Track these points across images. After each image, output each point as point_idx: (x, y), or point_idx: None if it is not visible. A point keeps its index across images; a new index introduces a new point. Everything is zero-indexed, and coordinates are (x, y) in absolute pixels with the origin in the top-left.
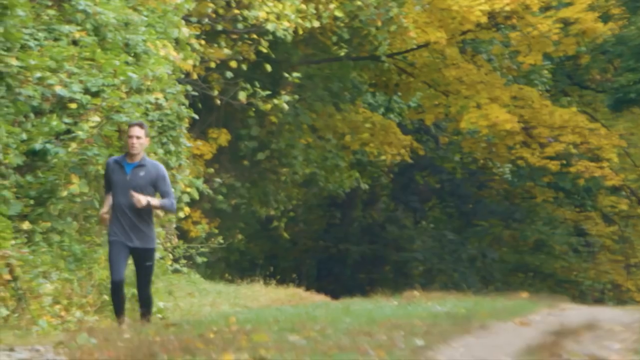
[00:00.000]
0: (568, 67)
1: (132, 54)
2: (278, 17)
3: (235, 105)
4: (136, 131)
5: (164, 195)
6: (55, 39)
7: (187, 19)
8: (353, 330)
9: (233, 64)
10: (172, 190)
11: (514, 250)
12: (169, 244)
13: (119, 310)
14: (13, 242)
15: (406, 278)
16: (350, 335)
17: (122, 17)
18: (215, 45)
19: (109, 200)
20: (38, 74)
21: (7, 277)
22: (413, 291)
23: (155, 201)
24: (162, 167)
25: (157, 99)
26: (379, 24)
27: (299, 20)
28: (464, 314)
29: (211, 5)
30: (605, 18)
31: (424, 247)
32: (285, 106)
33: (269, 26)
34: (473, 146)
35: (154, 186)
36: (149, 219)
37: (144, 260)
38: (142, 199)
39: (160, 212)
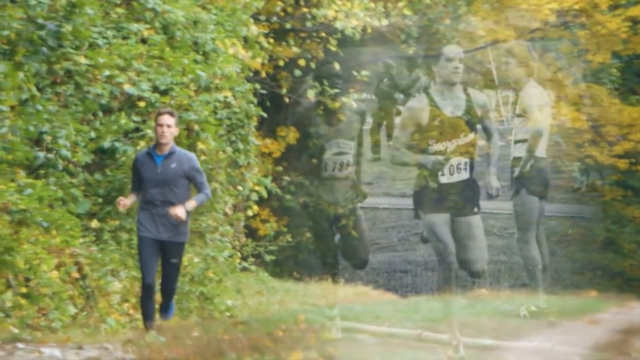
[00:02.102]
0: (637, 65)
1: (201, 53)
2: (347, 16)
3: (303, 104)
4: (166, 119)
5: (199, 186)
6: (124, 37)
7: (255, 17)
8: (421, 328)
9: (302, 62)
10: (206, 179)
11: (582, 248)
12: (237, 242)
13: (148, 314)
14: (82, 240)
15: (474, 276)
16: (418, 333)
17: (191, 16)
18: (284, 43)
19: (132, 197)
20: (107, 72)
21: (76, 275)
22: (481, 289)
23: (191, 205)
24: (195, 157)
25: (225, 97)
26: (448, 21)
27: (368, 19)
28: (532, 313)
29: (280, 3)
30: None
31: (491, 245)
32: (354, 104)
33: (338, 24)
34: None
35: (188, 177)
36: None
37: (170, 255)
38: (181, 214)
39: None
